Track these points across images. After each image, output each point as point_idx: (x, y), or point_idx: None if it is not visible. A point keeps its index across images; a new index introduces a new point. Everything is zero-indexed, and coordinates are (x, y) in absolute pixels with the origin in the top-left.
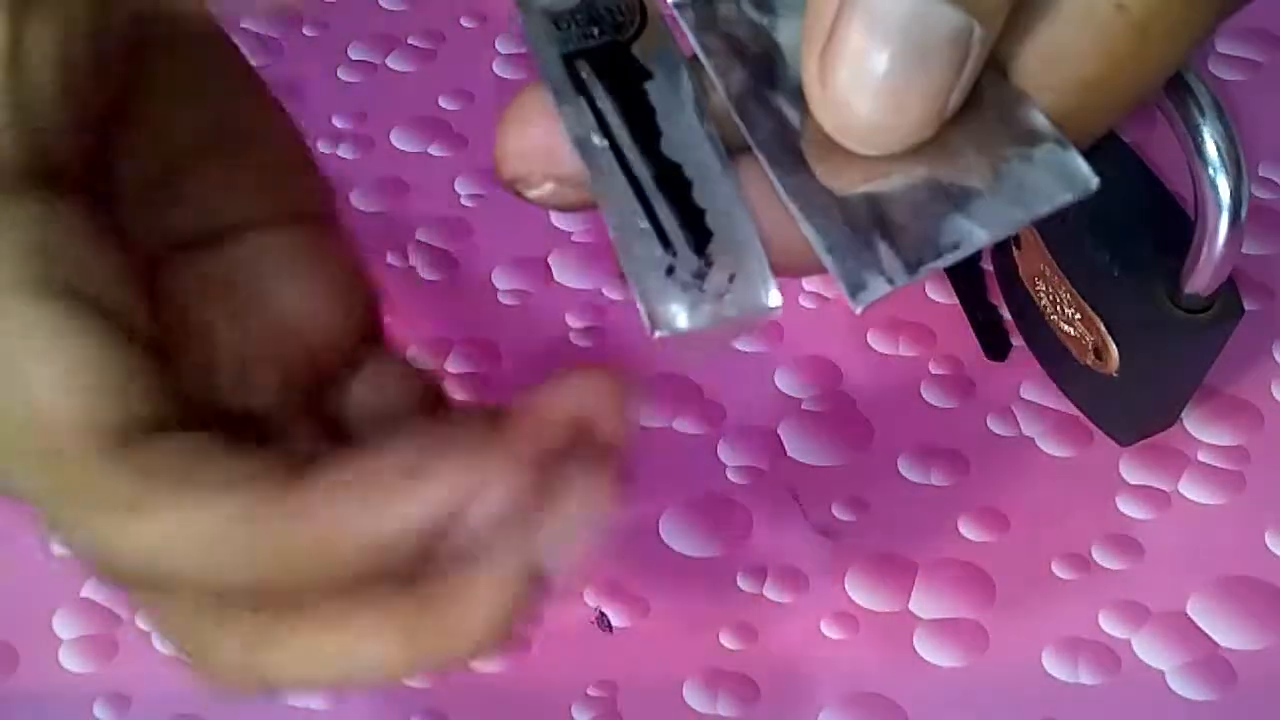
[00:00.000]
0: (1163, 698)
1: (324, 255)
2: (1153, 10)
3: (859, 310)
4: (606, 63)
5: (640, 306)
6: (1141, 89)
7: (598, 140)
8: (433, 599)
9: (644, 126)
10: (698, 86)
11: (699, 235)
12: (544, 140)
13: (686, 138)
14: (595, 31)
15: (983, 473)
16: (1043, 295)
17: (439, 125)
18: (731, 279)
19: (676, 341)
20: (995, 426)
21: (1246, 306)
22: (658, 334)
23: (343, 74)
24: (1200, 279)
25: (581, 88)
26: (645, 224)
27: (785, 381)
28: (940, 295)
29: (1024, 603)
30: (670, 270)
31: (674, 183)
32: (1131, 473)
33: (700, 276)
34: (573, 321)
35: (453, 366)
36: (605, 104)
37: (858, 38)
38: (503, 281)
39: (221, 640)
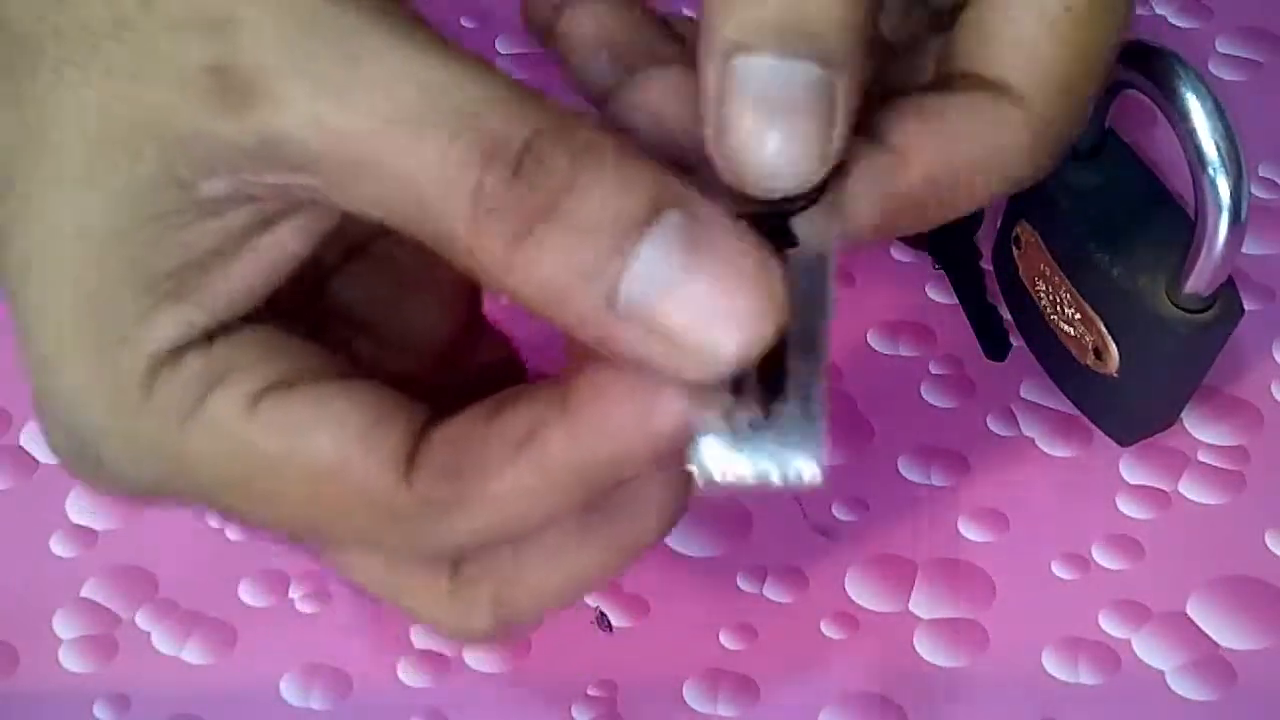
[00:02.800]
0: (1163, 698)
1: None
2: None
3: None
4: (762, 222)
5: (691, 450)
6: (1098, 79)
7: None
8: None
9: None
10: (833, 264)
11: (772, 393)
12: None
13: (806, 306)
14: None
15: (983, 473)
16: (1043, 295)
17: None
18: (783, 442)
19: (712, 489)
20: (995, 426)
21: (1246, 306)
22: (700, 479)
23: None
24: (1200, 279)
25: None
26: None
27: None
28: (940, 295)
29: (1024, 603)
30: (728, 414)
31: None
32: (1131, 473)
33: (755, 429)
34: None
35: None
36: None
37: (737, 109)
38: None
39: (467, 596)
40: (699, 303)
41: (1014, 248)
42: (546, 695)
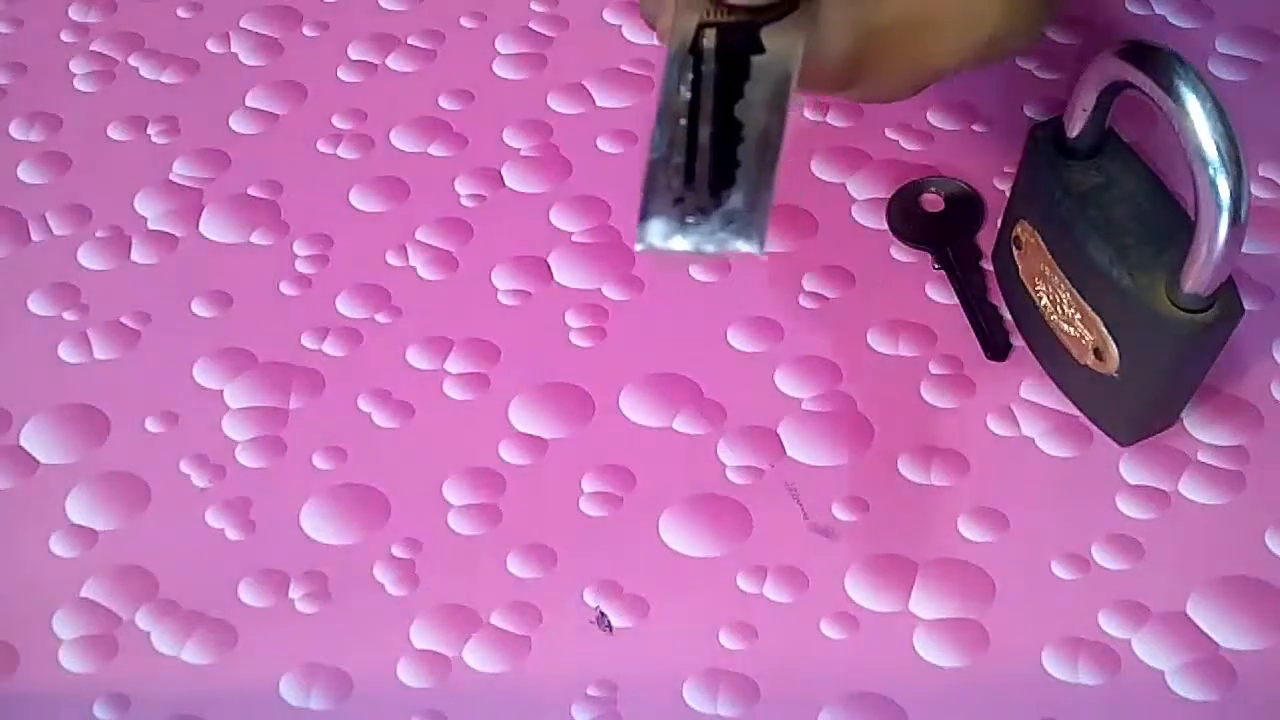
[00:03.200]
0: (1163, 698)
1: None
2: None
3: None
4: (729, 34)
5: (639, 221)
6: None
7: (685, 91)
8: None
9: (730, 87)
10: (795, 73)
11: (722, 181)
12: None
13: (765, 106)
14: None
15: (983, 473)
16: (1043, 295)
17: (439, 125)
18: (728, 223)
19: (653, 255)
20: (995, 426)
21: (1246, 306)
22: (639, 246)
23: (343, 74)
24: (1200, 279)
25: (694, 45)
26: (679, 159)
27: (785, 381)
28: (940, 295)
29: (1024, 603)
30: (679, 200)
31: (727, 135)
32: (1131, 473)
33: (703, 212)
34: (573, 321)
35: (453, 366)
36: (709, 66)
37: None
38: (503, 281)
39: None
40: None
41: (1014, 248)
42: (546, 695)
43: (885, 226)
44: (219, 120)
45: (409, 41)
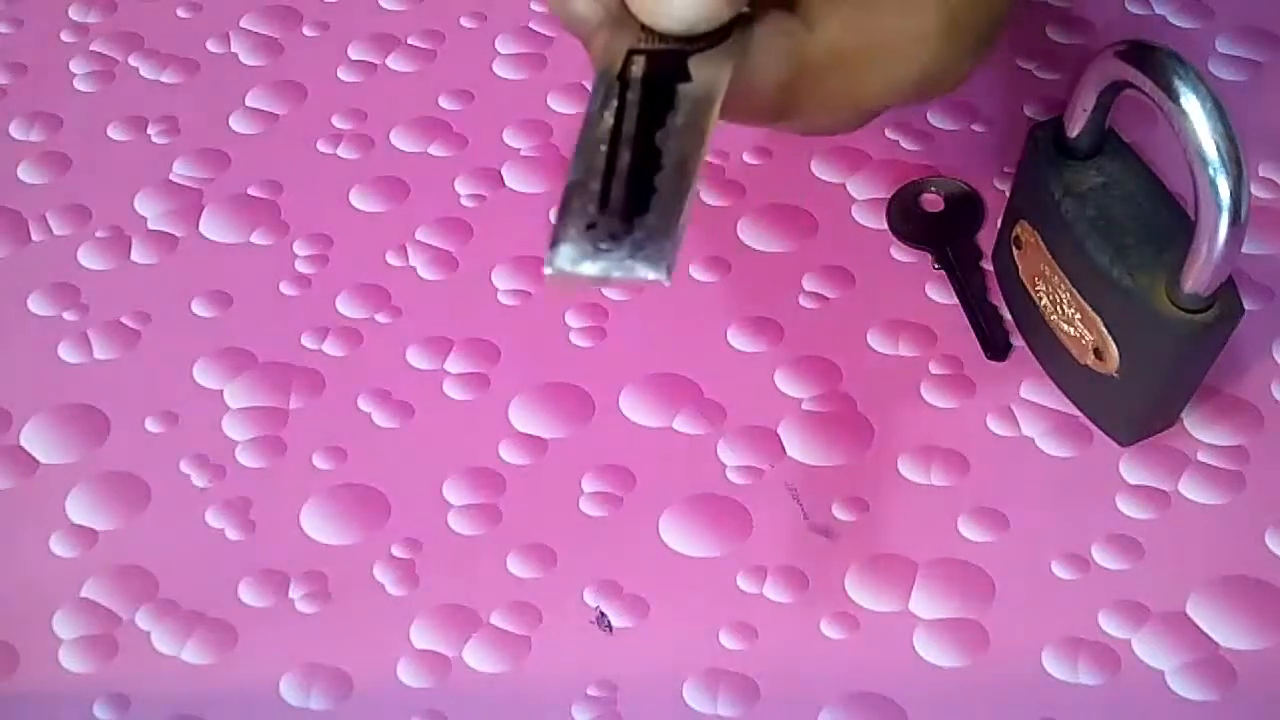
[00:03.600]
0: (1163, 698)
1: None
2: None
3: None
4: (657, 62)
5: (549, 246)
6: None
7: (609, 118)
8: None
9: (653, 115)
10: (718, 103)
11: (636, 208)
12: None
13: (685, 135)
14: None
15: (983, 473)
16: (1043, 295)
17: (439, 125)
18: (638, 250)
19: (560, 280)
20: (995, 426)
21: (1246, 306)
22: (548, 270)
23: (343, 74)
24: (1200, 279)
25: (622, 73)
26: (596, 185)
27: (785, 381)
28: (940, 295)
29: (1024, 603)
30: (591, 226)
31: (646, 162)
32: (1131, 473)
33: (614, 239)
34: (573, 321)
35: (453, 366)
36: (634, 93)
37: None
38: (503, 281)
39: None
40: None
41: (1014, 248)
42: (546, 695)
43: (885, 226)
44: (219, 120)
45: (409, 41)
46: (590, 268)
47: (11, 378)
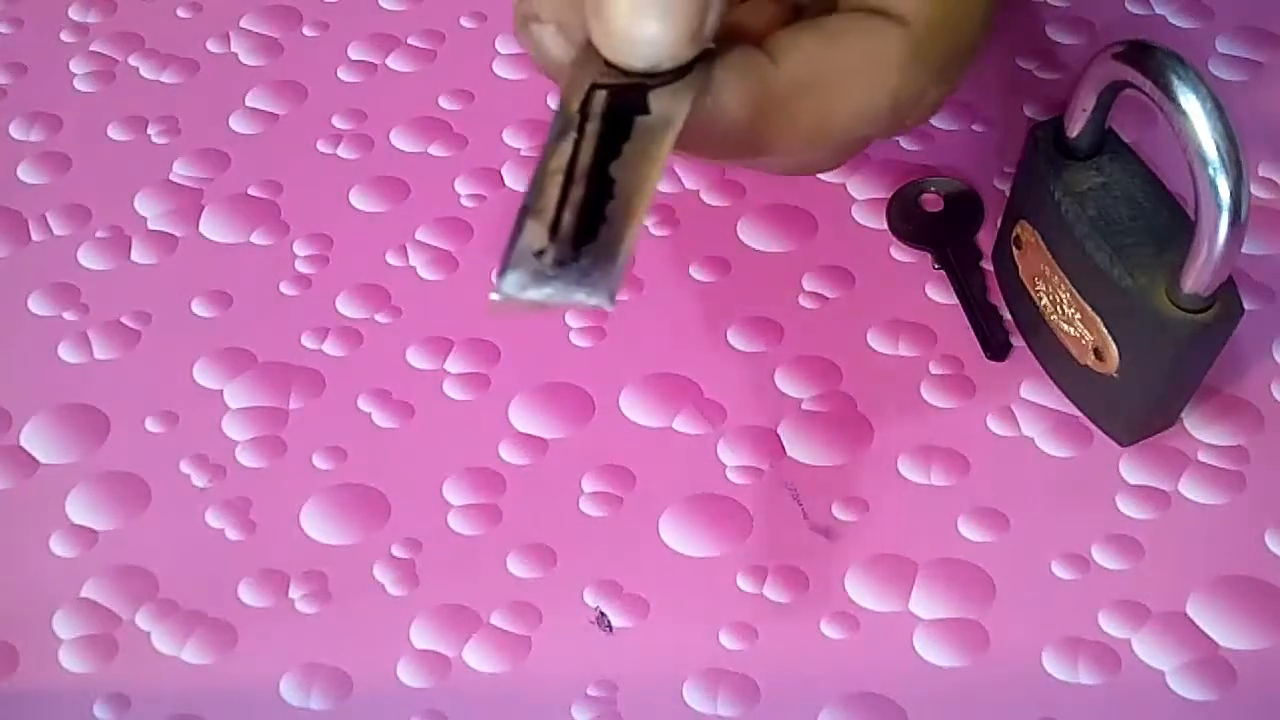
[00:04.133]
0: (1163, 698)
1: None
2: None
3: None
4: (619, 96)
5: (497, 271)
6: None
7: (568, 148)
8: None
9: (609, 146)
10: (673, 136)
11: (584, 236)
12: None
13: (639, 164)
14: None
15: (983, 473)
16: (1043, 295)
17: (439, 125)
18: (583, 278)
19: (505, 304)
20: (995, 426)
21: (1246, 306)
22: (494, 296)
23: (343, 74)
24: (1200, 279)
25: (584, 106)
26: (550, 215)
27: (785, 381)
28: (940, 295)
29: (1024, 603)
30: (540, 254)
31: (598, 192)
32: (1131, 473)
33: (561, 264)
34: (573, 321)
35: (453, 366)
36: (593, 125)
37: None
38: None
39: None
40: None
41: (1014, 248)
42: (546, 695)
43: (885, 226)
44: (219, 120)
45: (409, 41)
46: (536, 293)
47: (11, 378)
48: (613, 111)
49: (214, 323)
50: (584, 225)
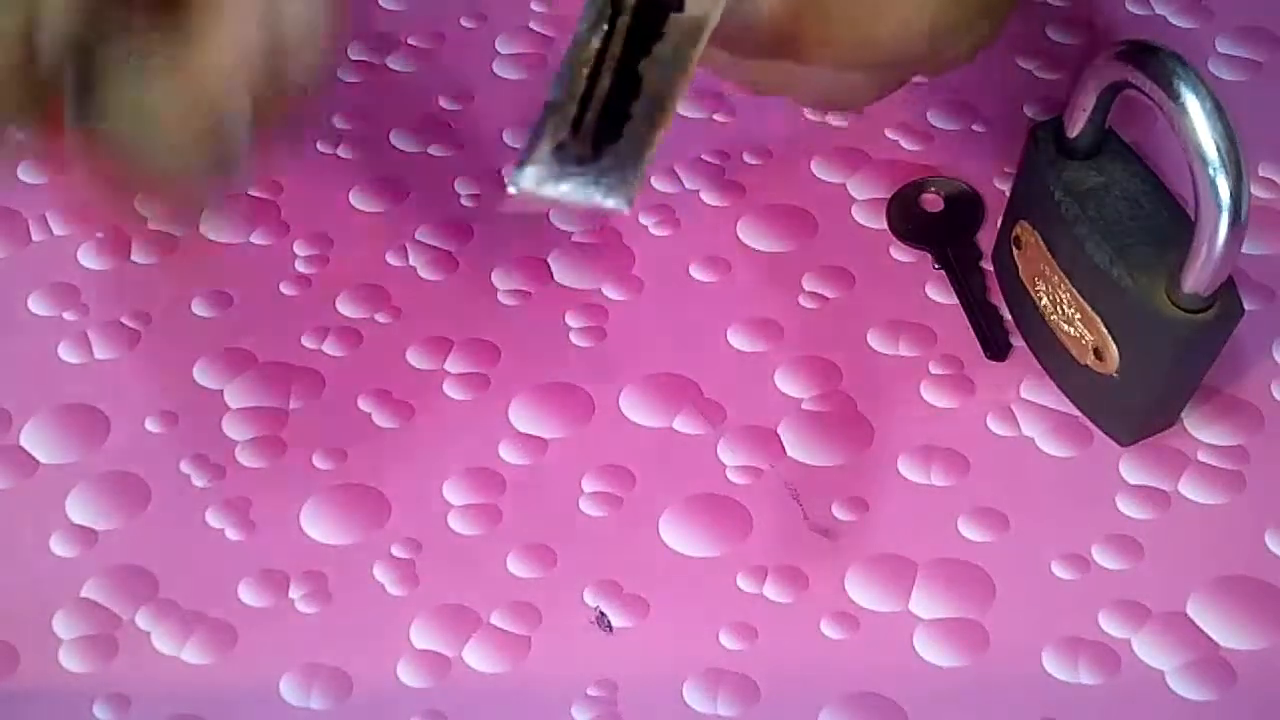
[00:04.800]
0: (1163, 698)
1: None
2: None
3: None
4: None
5: (516, 164)
6: None
7: (596, 42)
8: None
9: (640, 43)
10: (708, 34)
11: (607, 134)
12: None
13: (669, 64)
14: None
15: (983, 473)
16: (1043, 295)
17: (439, 125)
18: (602, 177)
19: (522, 198)
20: (995, 426)
21: (1246, 306)
22: (510, 189)
23: (343, 74)
24: (1200, 279)
25: (615, 3)
26: (574, 108)
27: (785, 381)
28: (940, 295)
29: (1024, 603)
30: (561, 147)
31: (625, 89)
32: (1131, 473)
33: (581, 163)
34: (573, 321)
35: (453, 366)
36: (624, 19)
37: None
38: (503, 281)
39: None
40: None
41: (1014, 248)
42: (546, 695)
43: (885, 226)
44: None
45: (409, 41)
46: (553, 190)
47: (11, 378)
48: (645, 5)
49: (214, 323)
50: (608, 123)
